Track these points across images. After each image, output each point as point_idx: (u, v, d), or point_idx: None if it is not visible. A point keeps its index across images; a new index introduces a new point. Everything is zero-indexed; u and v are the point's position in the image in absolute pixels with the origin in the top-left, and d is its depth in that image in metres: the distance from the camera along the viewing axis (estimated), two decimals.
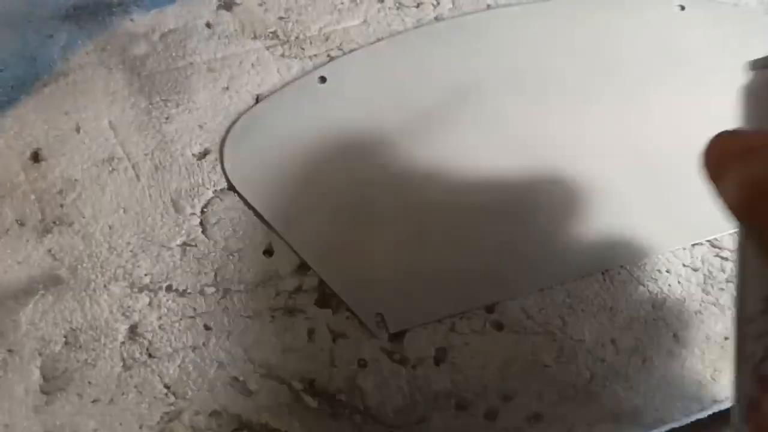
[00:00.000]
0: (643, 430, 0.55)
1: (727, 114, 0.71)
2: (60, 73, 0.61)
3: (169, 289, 0.55)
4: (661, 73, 0.71)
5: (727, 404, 0.58)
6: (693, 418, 0.57)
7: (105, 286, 0.54)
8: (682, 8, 0.74)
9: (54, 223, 0.56)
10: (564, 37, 0.70)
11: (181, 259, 0.55)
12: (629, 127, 0.67)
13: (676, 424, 0.56)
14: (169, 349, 0.53)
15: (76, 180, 0.57)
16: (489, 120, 0.65)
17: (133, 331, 0.53)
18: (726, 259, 0.61)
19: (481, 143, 0.64)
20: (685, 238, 0.63)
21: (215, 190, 0.58)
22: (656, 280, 0.60)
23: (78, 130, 0.59)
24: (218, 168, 0.59)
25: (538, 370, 0.56)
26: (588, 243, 0.61)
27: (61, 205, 0.56)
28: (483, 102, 0.66)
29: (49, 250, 0.55)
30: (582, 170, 0.64)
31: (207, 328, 0.54)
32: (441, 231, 0.59)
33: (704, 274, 0.61)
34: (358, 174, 0.60)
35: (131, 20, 0.64)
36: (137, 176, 0.58)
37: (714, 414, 0.59)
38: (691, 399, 0.56)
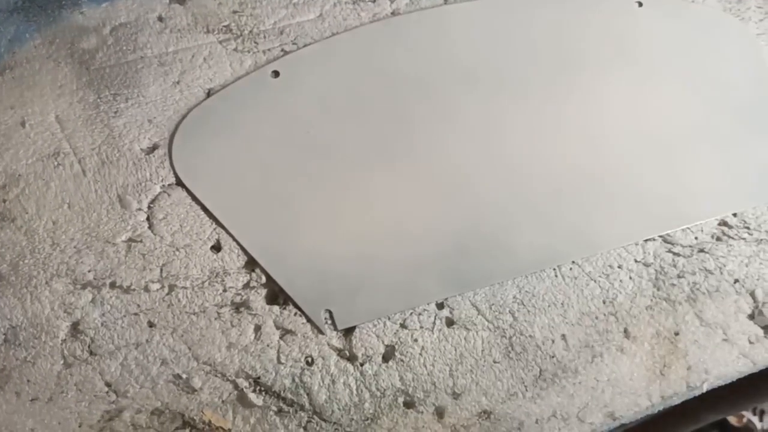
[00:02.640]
0: (593, 427, 0.54)
1: (682, 109, 0.70)
2: (6, 66, 0.59)
3: (113, 285, 0.53)
4: (618, 68, 0.70)
5: (676, 400, 0.57)
6: (642, 414, 0.56)
7: (47, 282, 0.52)
8: (640, 4, 0.73)
9: None
10: (521, 32, 0.68)
11: (126, 255, 0.54)
12: (584, 123, 0.66)
13: (625, 420, 0.55)
14: (112, 347, 0.51)
15: (19, 175, 0.55)
16: (444, 115, 0.64)
17: (75, 328, 0.51)
18: (678, 254, 0.60)
19: (436, 138, 0.63)
20: (637, 233, 0.62)
21: (163, 186, 0.57)
22: (608, 275, 0.59)
23: (23, 124, 0.57)
24: (167, 163, 0.57)
25: (488, 367, 0.54)
26: (539, 238, 0.60)
27: (4, 201, 0.54)
28: (438, 97, 0.64)
29: None
30: (534, 166, 0.63)
31: (151, 325, 0.52)
32: (391, 227, 0.58)
33: (656, 270, 0.60)
34: (308, 170, 0.59)
35: (81, 13, 0.62)
36: (83, 171, 0.56)
37: (663, 410, 0.58)
38: (640, 395, 0.55)
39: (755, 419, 1.20)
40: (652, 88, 0.68)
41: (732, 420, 1.21)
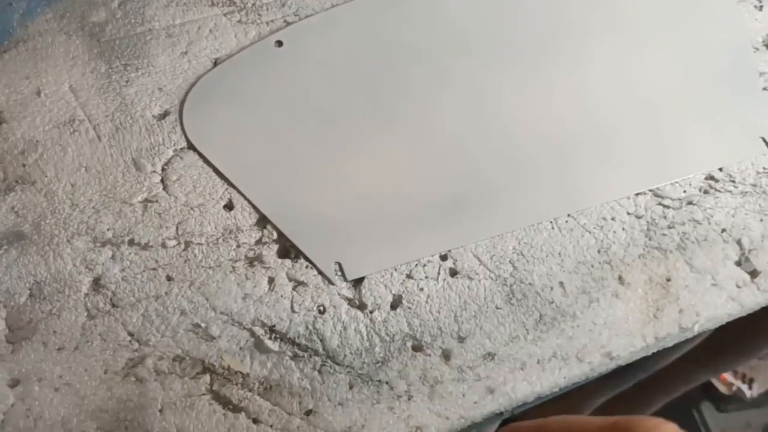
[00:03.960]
0: (591, 366, 0.56)
1: (668, 73, 0.72)
2: (19, 39, 0.61)
3: (131, 243, 0.54)
4: (606, 34, 0.72)
5: (669, 341, 0.59)
6: (637, 354, 0.58)
7: (68, 240, 0.54)
8: None
9: (16, 182, 0.56)
10: (513, 1, 0.70)
11: (142, 215, 0.55)
12: (574, 86, 0.69)
13: (621, 361, 0.57)
14: (133, 299, 0.53)
15: (37, 141, 0.57)
16: (439, 79, 0.66)
17: (96, 282, 0.53)
18: (668, 207, 0.63)
19: (432, 101, 0.65)
20: (628, 187, 0.64)
21: (175, 149, 0.58)
22: (602, 227, 0.61)
23: (39, 93, 0.58)
24: (178, 128, 0.59)
25: (491, 313, 0.56)
26: (535, 193, 0.62)
27: (24, 165, 0.56)
28: (434, 62, 0.66)
29: (12, 208, 0.55)
30: (528, 127, 0.65)
31: (169, 278, 0.54)
32: (393, 185, 0.60)
33: (647, 221, 0.62)
34: (312, 133, 0.61)
35: None
36: (98, 137, 0.58)
37: (657, 352, 0.60)
38: (635, 336, 0.57)
39: (744, 387, 1.22)
40: (638, 53, 0.70)
41: (722, 389, 1.23)
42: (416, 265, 0.57)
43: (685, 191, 0.64)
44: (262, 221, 0.56)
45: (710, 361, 0.94)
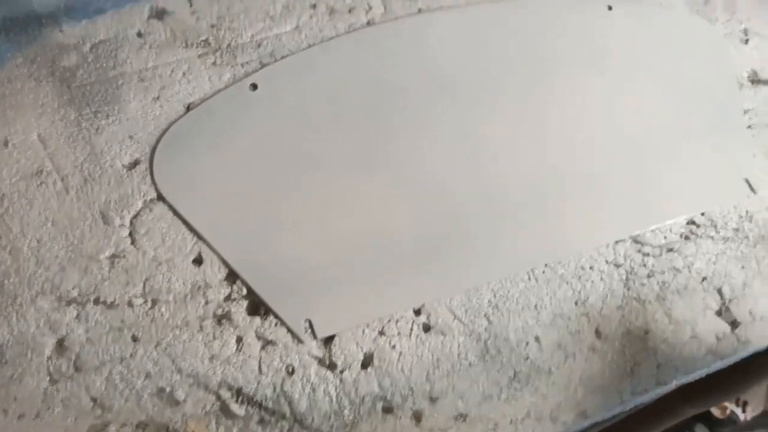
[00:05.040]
0: (566, 426, 0.54)
1: (652, 111, 0.70)
2: None
3: (97, 301, 0.53)
4: (590, 72, 0.69)
5: (646, 397, 0.57)
6: (613, 411, 0.56)
7: (32, 300, 0.52)
8: (610, 8, 0.73)
9: None
10: (496, 40, 0.68)
11: (109, 271, 0.53)
12: (556, 127, 0.66)
13: (597, 419, 0.56)
14: (97, 362, 0.51)
15: (3, 194, 0.55)
16: (421, 121, 0.63)
17: (60, 344, 0.51)
18: (648, 254, 0.61)
19: (412, 145, 0.62)
20: (609, 235, 0.62)
21: (145, 200, 0.56)
22: (579, 277, 0.59)
23: (6, 144, 0.56)
24: (148, 178, 0.57)
25: (464, 370, 0.55)
26: (514, 243, 0.60)
27: None
28: (415, 104, 0.64)
29: None
30: (509, 171, 0.63)
31: (135, 339, 0.52)
32: (369, 235, 0.58)
33: (626, 270, 0.60)
34: (287, 180, 0.58)
35: (61, 31, 0.62)
36: (66, 189, 0.56)
37: (643, 405, 0.58)
38: (611, 392, 0.56)
39: (738, 410, 1.21)
40: (623, 91, 0.68)
41: (716, 412, 1.21)
42: (389, 320, 0.55)
43: (665, 237, 0.62)
44: (232, 276, 0.54)
45: (698, 398, 0.92)
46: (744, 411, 1.15)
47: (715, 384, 0.68)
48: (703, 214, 0.62)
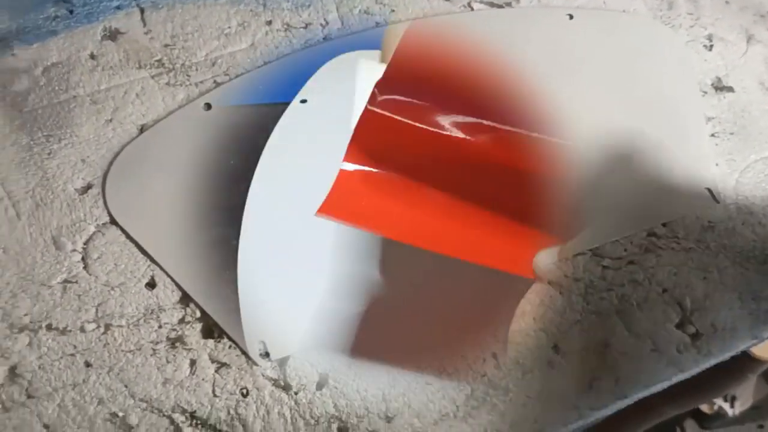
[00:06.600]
0: None
1: (613, 120, 0.72)
2: None
3: (49, 327, 0.54)
4: (552, 82, 0.71)
5: (606, 411, 0.59)
6: (571, 427, 0.58)
7: None
8: (571, 17, 0.75)
9: None
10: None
11: (61, 297, 0.55)
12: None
13: None
14: (49, 389, 0.53)
15: None
16: None
17: (12, 372, 0.53)
18: (608, 267, 0.62)
19: None
20: (567, 249, 0.64)
21: (97, 225, 0.58)
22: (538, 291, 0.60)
23: None
24: (100, 202, 0.59)
25: (420, 389, 0.56)
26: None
27: None
28: None
29: None
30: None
31: (87, 365, 0.53)
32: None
33: (585, 284, 0.62)
34: (240, 202, 0.60)
35: (13, 54, 0.63)
36: (18, 215, 0.57)
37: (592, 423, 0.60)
38: (570, 408, 0.57)
39: (726, 405, 1.23)
40: (584, 100, 0.69)
41: (704, 408, 1.23)
42: None
43: (626, 249, 0.64)
44: (185, 299, 0.56)
45: (680, 398, 0.94)
46: (732, 406, 1.17)
47: (697, 384, 0.70)
48: (664, 225, 0.63)
